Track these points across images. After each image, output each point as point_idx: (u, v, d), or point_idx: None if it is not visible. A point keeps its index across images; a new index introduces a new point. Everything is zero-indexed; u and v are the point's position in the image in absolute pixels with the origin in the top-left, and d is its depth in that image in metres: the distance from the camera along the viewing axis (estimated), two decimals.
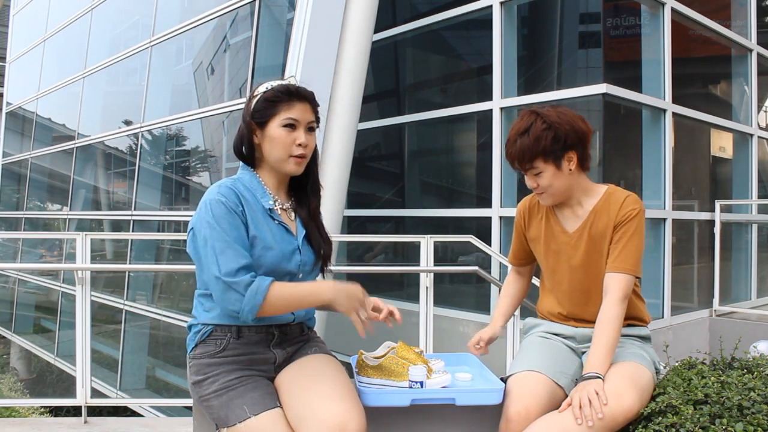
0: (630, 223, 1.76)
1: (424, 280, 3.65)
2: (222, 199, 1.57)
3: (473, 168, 7.35)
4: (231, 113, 7.50)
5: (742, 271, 7.42)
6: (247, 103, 1.69)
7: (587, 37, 6.46)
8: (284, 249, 1.63)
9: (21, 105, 14.66)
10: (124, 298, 8.82)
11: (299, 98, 1.63)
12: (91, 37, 11.55)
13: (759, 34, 7.67)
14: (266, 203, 1.65)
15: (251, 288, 1.50)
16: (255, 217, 1.61)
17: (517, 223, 1.99)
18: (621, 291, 1.72)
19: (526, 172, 1.81)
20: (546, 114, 1.77)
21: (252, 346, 1.61)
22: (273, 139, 1.63)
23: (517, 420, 1.62)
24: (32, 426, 3.22)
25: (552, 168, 1.76)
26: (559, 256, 1.86)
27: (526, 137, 1.75)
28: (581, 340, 1.85)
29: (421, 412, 1.74)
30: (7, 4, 17.80)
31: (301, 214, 1.72)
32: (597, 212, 1.81)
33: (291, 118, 1.62)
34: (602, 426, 1.53)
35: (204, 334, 1.62)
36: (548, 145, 1.73)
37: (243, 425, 1.50)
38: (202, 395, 1.59)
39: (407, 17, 7.79)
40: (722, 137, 7.63)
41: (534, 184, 1.81)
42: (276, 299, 1.53)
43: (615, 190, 1.83)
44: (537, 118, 1.76)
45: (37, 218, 13.71)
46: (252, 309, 1.51)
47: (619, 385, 1.59)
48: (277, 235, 1.63)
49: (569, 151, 1.76)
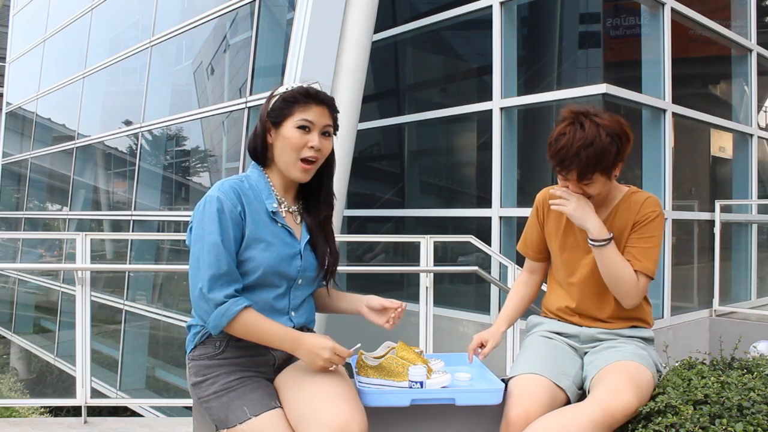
0: (650, 225, 1.77)
1: (424, 280, 3.65)
2: (221, 197, 1.57)
3: (473, 168, 7.35)
4: (231, 113, 7.51)
5: (742, 271, 7.41)
6: (266, 101, 1.68)
7: (587, 37, 6.46)
8: (283, 252, 1.62)
9: (21, 105, 14.66)
10: (124, 298, 8.82)
11: (317, 101, 1.63)
12: (91, 37, 11.55)
13: (759, 34, 7.66)
14: (270, 205, 1.64)
15: (220, 308, 1.51)
16: (256, 218, 1.60)
17: (535, 215, 1.97)
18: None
19: (578, 182, 1.73)
20: (606, 124, 1.69)
21: (251, 348, 1.61)
22: (285, 139, 1.61)
23: (517, 423, 1.62)
24: (32, 426, 3.22)
25: (603, 179, 1.72)
26: (575, 251, 1.86)
27: (590, 150, 1.66)
28: (585, 340, 1.85)
29: (421, 412, 1.74)
30: (7, 4, 17.80)
31: (308, 220, 1.71)
32: (618, 210, 1.82)
33: (306, 120, 1.61)
34: (600, 423, 1.53)
35: (203, 336, 1.62)
36: (612, 160, 1.69)
37: (243, 426, 1.50)
38: (201, 396, 1.59)
39: (407, 17, 7.78)
40: (722, 137, 7.63)
41: (577, 190, 1.75)
42: (241, 327, 1.53)
43: (637, 191, 1.85)
44: (599, 130, 1.68)
45: (37, 218, 13.71)
46: (215, 327, 1.52)
47: (618, 382, 1.60)
48: (278, 237, 1.62)
49: (621, 162, 1.74)
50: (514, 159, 6.31)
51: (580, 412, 1.56)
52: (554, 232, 1.92)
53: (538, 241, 1.97)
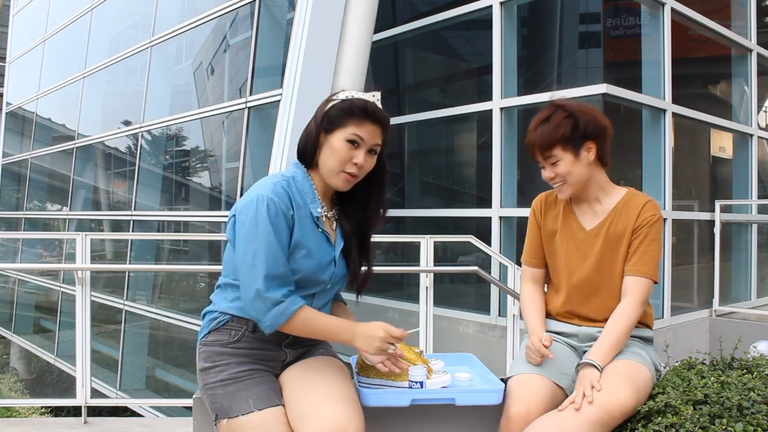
0: (650, 228, 1.78)
1: (424, 280, 3.65)
2: (275, 198, 1.54)
3: (473, 168, 7.35)
4: (231, 113, 7.50)
5: (742, 271, 7.42)
6: (323, 103, 1.66)
7: (587, 37, 6.47)
8: (322, 259, 1.62)
9: (21, 105, 14.67)
10: (124, 298, 8.82)
11: (373, 119, 1.61)
12: (91, 37, 11.55)
13: (759, 34, 7.67)
14: (315, 210, 1.63)
15: (279, 307, 1.51)
16: (303, 222, 1.59)
17: (533, 219, 1.97)
18: (641, 295, 1.75)
19: (544, 161, 1.81)
20: (568, 105, 1.82)
21: (265, 342, 1.62)
22: (333, 149, 1.60)
23: (518, 420, 1.63)
24: (32, 426, 3.22)
25: (570, 156, 1.78)
26: (573, 252, 1.86)
27: (546, 125, 1.78)
28: (583, 339, 1.86)
29: (421, 412, 1.74)
30: (7, 4, 17.81)
31: (345, 226, 1.70)
32: (617, 212, 1.82)
33: (357, 135, 1.59)
34: (598, 421, 1.54)
35: (220, 323, 1.62)
36: (567, 132, 1.76)
37: (245, 418, 1.51)
38: (208, 383, 1.59)
39: (407, 17, 7.79)
40: (722, 137, 7.63)
41: (551, 174, 1.81)
42: (298, 324, 1.54)
43: (636, 194, 1.85)
44: (558, 108, 1.81)
45: (37, 218, 13.71)
46: (272, 326, 1.52)
47: (615, 381, 1.60)
48: (319, 244, 1.62)
49: (588, 141, 1.78)
50: (514, 159, 6.31)
51: (578, 411, 1.56)
52: (552, 235, 1.92)
53: (540, 245, 1.96)
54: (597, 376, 1.62)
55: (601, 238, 1.82)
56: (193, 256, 8.51)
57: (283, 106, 5.94)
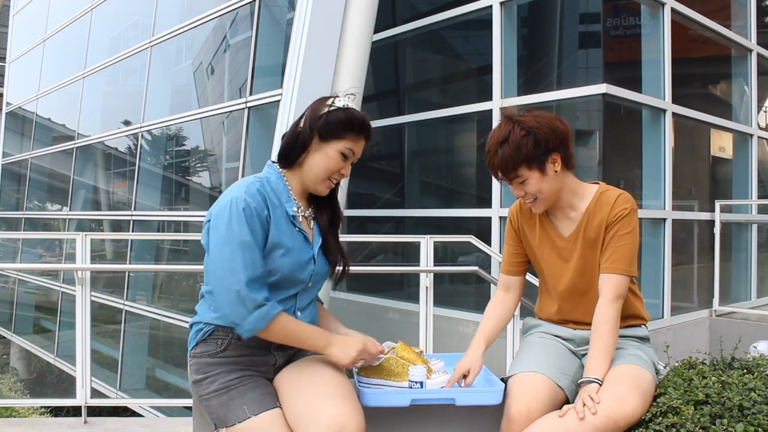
0: (622, 222, 1.74)
1: (424, 280, 3.64)
2: (249, 200, 1.54)
3: (473, 168, 7.34)
4: (231, 113, 7.50)
5: (742, 271, 7.41)
6: (317, 105, 1.65)
7: (587, 37, 6.46)
8: (301, 258, 1.63)
9: (21, 105, 14.66)
10: (124, 298, 8.82)
11: (366, 135, 1.66)
12: (91, 37, 11.55)
13: (759, 34, 7.67)
14: (290, 209, 1.64)
15: (260, 311, 1.50)
16: (279, 222, 1.60)
17: (510, 227, 1.96)
18: (613, 291, 1.71)
19: (511, 182, 1.77)
20: (523, 120, 1.74)
21: (253, 348, 1.61)
22: (325, 158, 1.62)
23: (518, 420, 1.62)
24: (32, 426, 3.22)
25: (537, 173, 1.73)
26: (556, 260, 1.85)
27: (506, 146, 1.72)
28: (580, 343, 1.85)
29: (421, 412, 1.74)
30: (7, 4, 17.80)
31: (320, 224, 1.72)
32: (590, 213, 1.79)
33: (351, 150, 1.64)
34: (604, 429, 1.52)
35: (206, 333, 1.61)
36: (530, 152, 1.70)
37: (242, 425, 1.50)
38: (201, 394, 1.59)
39: (407, 17, 7.78)
40: (722, 137, 7.63)
41: (521, 193, 1.77)
42: (277, 330, 1.54)
43: (606, 189, 1.81)
44: (514, 126, 1.73)
45: (37, 218, 13.71)
46: (251, 330, 1.51)
47: (622, 389, 1.58)
48: (297, 242, 1.63)
49: (552, 154, 1.73)
50: None
51: (582, 420, 1.54)
52: (531, 244, 1.90)
53: (516, 253, 1.94)
54: (597, 389, 1.60)
55: (579, 243, 1.80)
56: (193, 256, 8.51)
57: (283, 106, 5.93)
